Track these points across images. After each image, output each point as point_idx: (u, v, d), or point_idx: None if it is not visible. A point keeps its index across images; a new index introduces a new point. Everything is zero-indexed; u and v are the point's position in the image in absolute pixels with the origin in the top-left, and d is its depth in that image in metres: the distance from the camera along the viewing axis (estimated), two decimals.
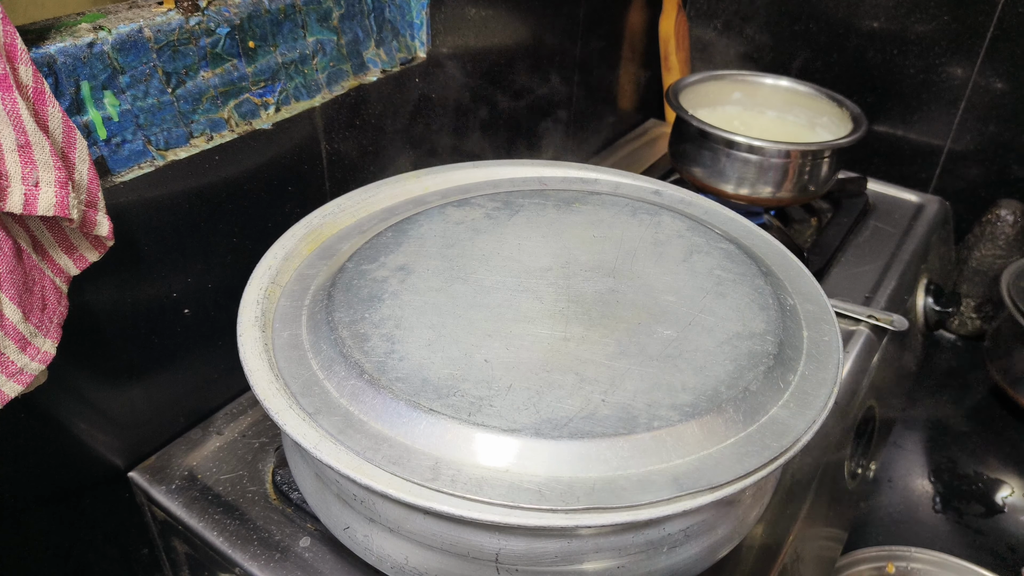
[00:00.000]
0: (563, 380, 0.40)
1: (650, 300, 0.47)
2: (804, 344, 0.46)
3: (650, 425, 0.38)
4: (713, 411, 0.39)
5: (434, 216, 0.55)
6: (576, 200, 0.58)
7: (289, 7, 0.56)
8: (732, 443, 0.38)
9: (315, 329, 0.45)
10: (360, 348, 0.42)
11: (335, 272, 0.49)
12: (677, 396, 0.40)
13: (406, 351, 0.42)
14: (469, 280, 0.48)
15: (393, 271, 0.49)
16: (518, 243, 0.52)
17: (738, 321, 0.45)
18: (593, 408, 0.39)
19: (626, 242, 0.53)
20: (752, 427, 0.39)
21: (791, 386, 0.42)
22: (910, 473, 0.96)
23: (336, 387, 0.41)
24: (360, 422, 0.39)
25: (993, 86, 0.95)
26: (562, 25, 0.88)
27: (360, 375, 0.41)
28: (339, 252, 0.53)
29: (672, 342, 0.43)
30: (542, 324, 0.44)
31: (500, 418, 0.38)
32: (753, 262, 0.51)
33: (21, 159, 0.37)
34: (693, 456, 0.37)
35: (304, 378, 0.42)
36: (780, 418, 0.40)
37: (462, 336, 0.43)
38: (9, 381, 0.40)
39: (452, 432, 0.38)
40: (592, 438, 0.37)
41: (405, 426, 0.38)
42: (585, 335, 0.44)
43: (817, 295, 0.50)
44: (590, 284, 0.48)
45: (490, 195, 0.58)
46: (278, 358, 0.43)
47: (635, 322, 0.45)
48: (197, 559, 0.56)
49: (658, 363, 0.42)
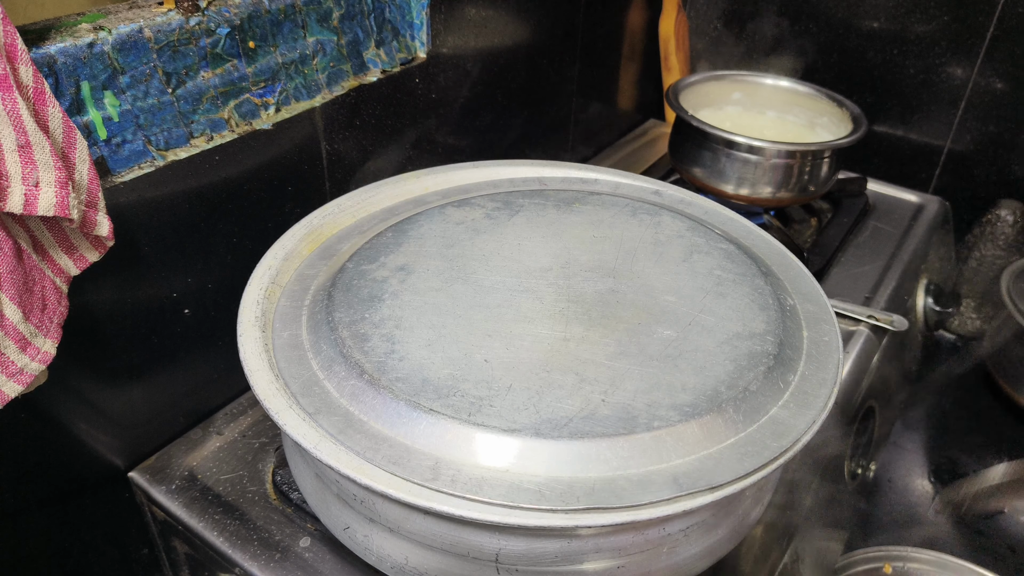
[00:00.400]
0: (563, 380, 0.40)
1: (650, 300, 0.47)
2: (804, 344, 0.46)
3: (650, 425, 0.38)
4: (713, 411, 0.39)
5: (434, 216, 0.55)
6: (576, 200, 0.58)
7: (289, 7, 0.56)
8: (732, 443, 0.38)
9: (315, 329, 0.45)
10: (360, 348, 0.42)
11: (335, 272, 0.49)
12: (677, 396, 0.40)
13: (406, 351, 0.42)
14: (469, 280, 0.48)
15: (393, 271, 0.49)
16: (518, 243, 0.52)
17: (738, 321, 0.46)
18: (593, 408, 0.39)
19: (626, 242, 0.53)
20: (752, 427, 0.40)
21: (791, 386, 0.42)
22: (910, 473, 0.96)
23: (336, 387, 0.41)
24: (360, 422, 0.39)
25: (993, 86, 0.95)
26: (562, 25, 0.88)
27: (360, 375, 0.41)
28: (339, 252, 0.53)
29: (672, 342, 0.44)
30: (542, 324, 0.44)
31: (500, 418, 0.38)
32: (753, 262, 0.51)
33: (21, 159, 0.37)
34: (693, 456, 0.38)
35: (304, 378, 0.42)
36: (780, 418, 0.40)
37: (462, 336, 0.43)
38: (9, 381, 0.40)
39: (452, 432, 0.38)
40: (592, 438, 0.37)
41: (405, 426, 0.38)
42: (585, 335, 0.44)
43: (817, 295, 0.50)
44: (590, 284, 0.48)
45: (490, 195, 0.58)
46: (278, 358, 0.43)
47: (635, 322, 0.45)
48: (197, 559, 0.56)
49: (658, 363, 0.42)
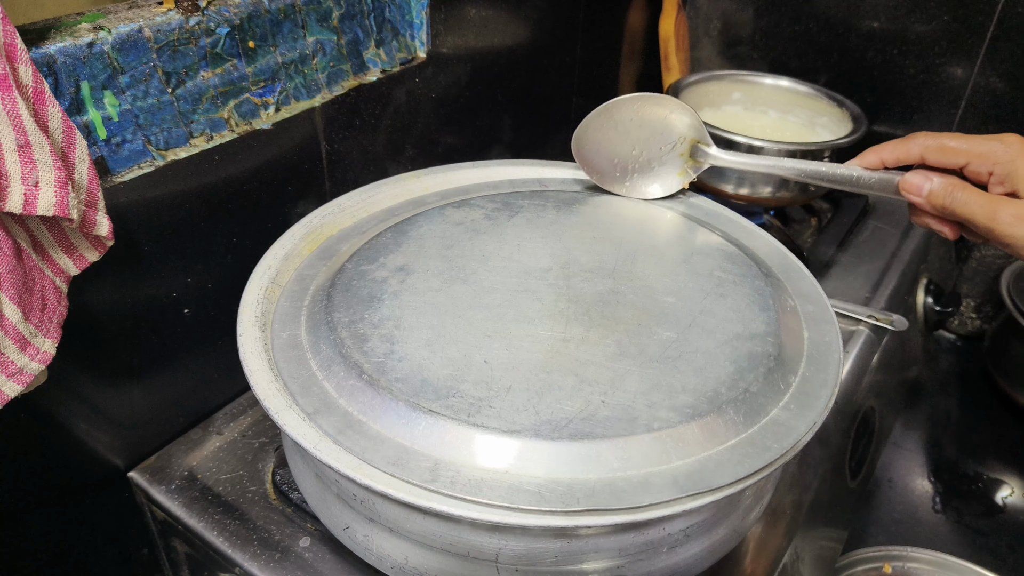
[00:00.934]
0: (563, 381, 0.40)
1: (650, 301, 0.47)
2: (805, 345, 0.46)
3: (650, 426, 0.38)
4: (713, 412, 0.39)
5: (434, 217, 0.55)
6: (576, 201, 0.58)
7: (289, 7, 0.56)
8: (732, 444, 0.38)
9: (314, 329, 0.45)
10: (359, 348, 0.42)
11: (335, 272, 0.49)
12: (677, 397, 0.40)
13: (405, 351, 0.42)
14: (469, 280, 0.48)
15: (393, 271, 0.49)
16: (518, 244, 0.52)
17: (738, 322, 0.45)
18: (593, 409, 0.39)
19: (626, 243, 0.53)
20: (752, 428, 0.39)
21: (791, 387, 0.42)
22: (910, 473, 0.96)
23: (335, 387, 0.41)
24: (359, 423, 0.39)
25: (993, 86, 0.95)
26: (562, 25, 0.88)
27: (359, 375, 0.41)
28: (339, 253, 0.53)
29: (672, 343, 0.43)
30: (542, 325, 0.44)
31: (499, 419, 0.38)
32: (754, 263, 0.51)
33: (21, 159, 0.37)
34: (693, 458, 0.37)
35: (303, 378, 0.42)
36: (780, 419, 0.40)
37: (462, 337, 0.43)
38: (9, 381, 0.40)
39: (451, 433, 0.37)
40: (592, 439, 0.37)
41: (404, 427, 0.38)
42: (585, 336, 0.44)
43: (817, 296, 0.50)
44: (590, 285, 0.48)
45: (490, 196, 0.58)
46: (277, 358, 0.43)
47: (635, 323, 0.45)
48: (197, 559, 0.56)
49: (658, 364, 0.42)
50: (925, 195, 0.49)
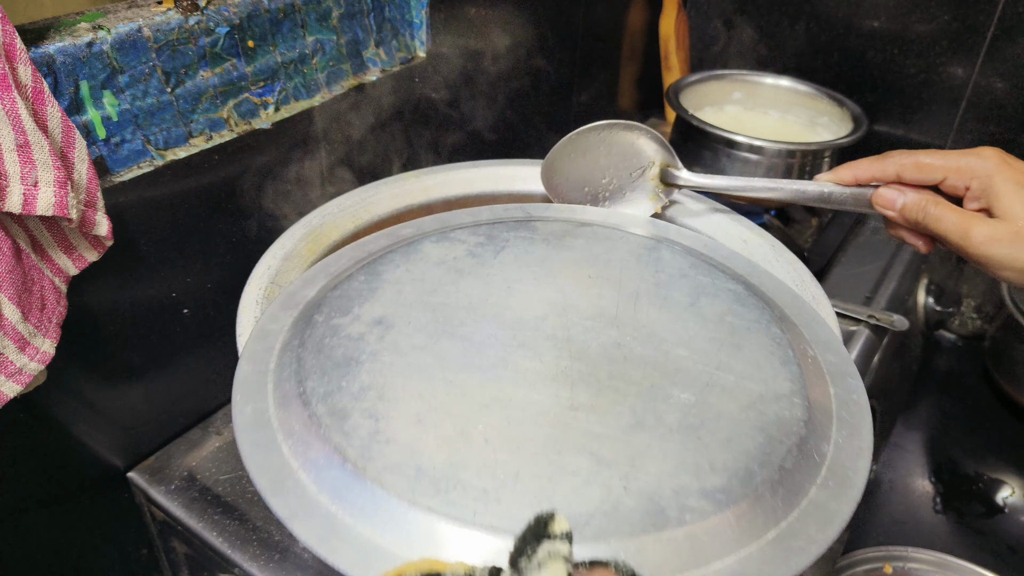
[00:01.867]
0: (577, 463, 0.35)
1: (661, 355, 0.42)
2: (833, 404, 0.41)
3: (681, 519, 0.33)
4: (749, 497, 0.34)
5: (411, 255, 0.49)
6: (567, 233, 0.53)
7: (289, 7, 0.56)
8: (774, 538, 0.34)
9: (285, 403, 0.38)
10: (340, 428, 0.36)
11: (304, 328, 0.42)
12: (706, 479, 0.35)
13: (393, 431, 0.36)
14: (456, 335, 0.42)
15: (370, 325, 0.42)
16: (507, 286, 0.46)
17: (760, 380, 0.41)
18: (615, 499, 0.34)
19: (626, 283, 0.48)
20: (792, 515, 0.35)
21: (827, 459, 0.38)
22: (910, 473, 0.96)
23: (315, 480, 0.35)
24: (345, 527, 0.33)
25: (993, 86, 0.95)
26: (562, 25, 0.88)
27: (342, 464, 0.35)
28: (306, 300, 0.46)
29: (692, 408, 0.39)
30: (544, 389, 0.39)
31: (510, 518, 0.32)
32: (766, 306, 0.47)
33: (20, 159, 0.37)
34: (732, 557, 0.33)
35: (275, 470, 0.35)
36: (820, 501, 0.36)
37: (455, 408, 0.37)
38: (8, 381, 0.40)
39: (455, 535, 0.32)
40: (618, 538, 0.32)
41: (399, 529, 0.33)
42: (594, 403, 0.38)
43: (836, 343, 0.46)
44: (592, 336, 0.43)
45: (471, 228, 0.52)
46: (241, 441, 0.37)
47: (647, 384, 0.40)
48: (197, 559, 0.56)
49: (679, 436, 0.37)
50: (898, 209, 0.49)
